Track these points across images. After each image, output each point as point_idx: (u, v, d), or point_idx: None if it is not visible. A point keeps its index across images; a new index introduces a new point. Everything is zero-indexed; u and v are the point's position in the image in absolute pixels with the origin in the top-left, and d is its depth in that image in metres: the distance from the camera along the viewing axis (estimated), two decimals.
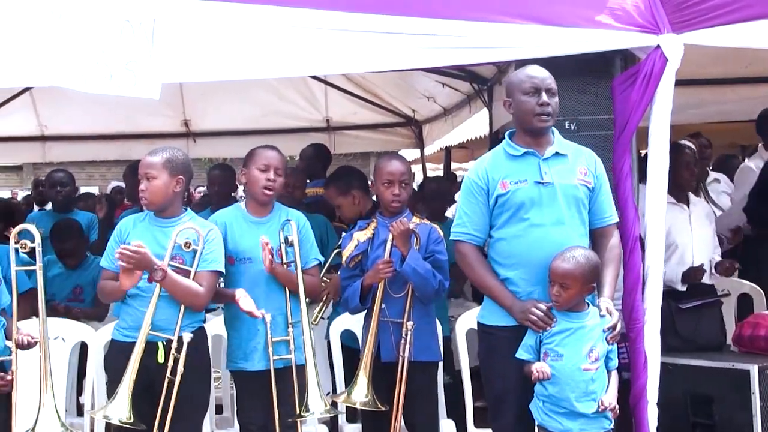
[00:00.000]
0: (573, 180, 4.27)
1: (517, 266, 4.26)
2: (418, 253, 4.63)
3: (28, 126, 10.23)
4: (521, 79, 4.27)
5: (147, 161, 4.52)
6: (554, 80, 4.26)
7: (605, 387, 4.18)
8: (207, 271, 4.47)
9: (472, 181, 4.37)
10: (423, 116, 10.33)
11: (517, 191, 4.24)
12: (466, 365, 5.22)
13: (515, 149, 4.31)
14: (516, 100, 4.27)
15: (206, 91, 8.96)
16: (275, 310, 4.62)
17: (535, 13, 4.50)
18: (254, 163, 4.71)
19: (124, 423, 4.16)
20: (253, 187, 4.71)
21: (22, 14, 4.16)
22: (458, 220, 4.41)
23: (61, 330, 4.84)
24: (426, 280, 4.59)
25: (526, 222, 4.23)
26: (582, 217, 4.30)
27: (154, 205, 4.53)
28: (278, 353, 4.58)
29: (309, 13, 4.36)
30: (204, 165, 15.08)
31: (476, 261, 4.36)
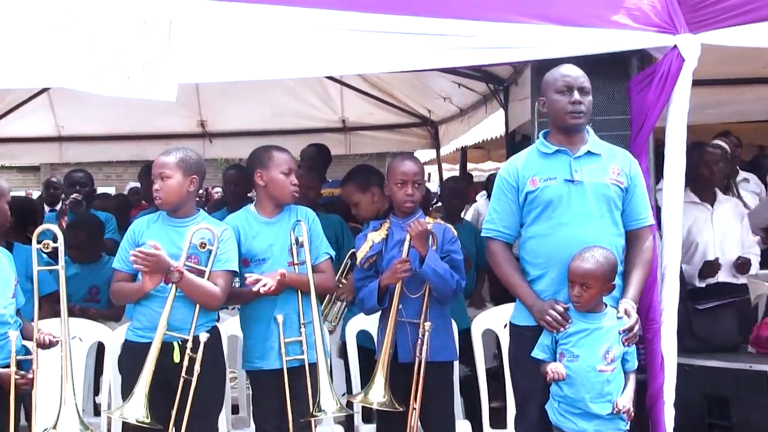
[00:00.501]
0: (604, 179, 4.25)
1: (544, 266, 4.26)
2: (436, 254, 4.63)
3: (46, 127, 10.27)
4: (555, 78, 4.26)
5: (161, 161, 4.53)
6: (588, 79, 4.25)
7: (621, 389, 4.17)
8: (222, 270, 4.48)
9: (503, 179, 4.38)
10: (439, 116, 10.31)
11: (546, 188, 4.24)
12: (482, 366, 5.21)
13: (547, 147, 4.30)
14: (549, 98, 4.27)
15: (222, 91, 8.97)
16: (289, 310, 4.63)
17: (551, 13, 4.49)
18: (276, 167, 4.70)
19: (141, 422, 4.17)
20: (280, 190, 4.71)
21: (40, 16, 4.18)
22: (488, 217, 4.42)
23: (78, 330, 4.85)
24: (446, 280, 4.60)
25: (554, 220, 4.23)
26: (613, 216, 4.27)
27: (168, 205, 4.54)
28: (293, 353, 4.59)
29: (325, 14, 4.36)
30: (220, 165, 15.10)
31: (504, 259, 4.37)
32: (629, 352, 4.20)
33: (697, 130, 5.73)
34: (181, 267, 4.34)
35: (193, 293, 4.40)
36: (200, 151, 10.21)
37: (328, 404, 4.43)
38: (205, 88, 9.04)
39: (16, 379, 4.21)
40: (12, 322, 4.38)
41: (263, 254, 4.68)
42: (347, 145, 10.50)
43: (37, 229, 4.42)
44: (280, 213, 4.77)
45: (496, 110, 8.10)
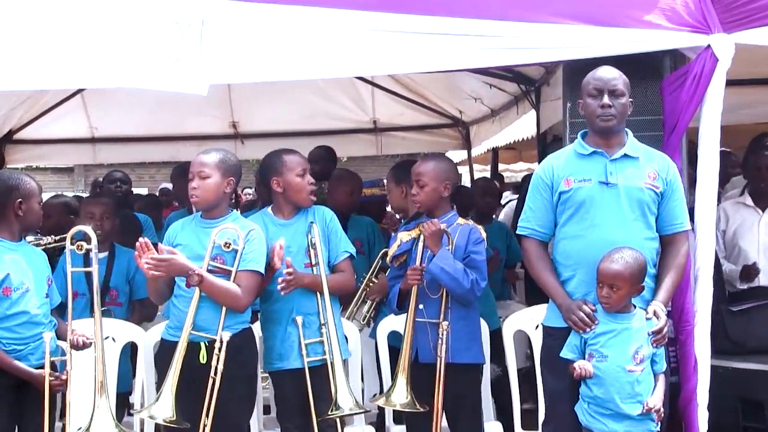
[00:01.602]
0: (640, 183, 4.23)
1: (576, 267, 4.25)
2: (448, 253, 4.62)
3: (79, 128, 10.34)
4: (587, 81, 4.26)
5: (201, 160, 4.55)
6: (624, 80, 4.22)
7: (651, 389, 4.15)
8: (246, 271, 4.48)
9: (538, 177, 4.38)
10: (470, 117, 10.30)
11: (580, 189, 4.23)
12: (513, 367, 5.19)
13: (584, 148, 4.30)
14: (584, 102, 4.28)
15: (254, 92, 9.00)
16: (308, 310, 4.64)
17: (583, 13, 4.48)
18: (291, 170, 4.72)
19: (168, 422, 4.20)
20: (298, 193, 4.73)
21: (73, 17, 4.21)
22: (523, 215, 4.43)
23: (111, 330, 4.88)
24: (455, 280, 4.57)
25: (586, 222, 4.23)
26: (647, 220, 4.25)
27: (203, 204, 4.55)
28: (313, 353, 4.62)
29: (356, 15, 4.37)
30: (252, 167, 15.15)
31: (537, 258, 4.37)
32: (658, 353, 4.18)
33: (730, 130, 5.67)
34: (200, 270, 4.35)
35: (216, 295, 4.41)
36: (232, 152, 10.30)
37: (345, 402, 4.46)
38: (236, 89, 9.08)
39: (50, 380, 4.26)
40: (46, 322, 4.42)
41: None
42: (378, 146, 10.51)
43: (71, 230, 4.45)
44: (296, 214, 4.79)
45: (527, 111, 8.08)
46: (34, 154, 10.91)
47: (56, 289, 4.59)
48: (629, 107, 4.27)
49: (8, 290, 4.36)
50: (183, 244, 4.52)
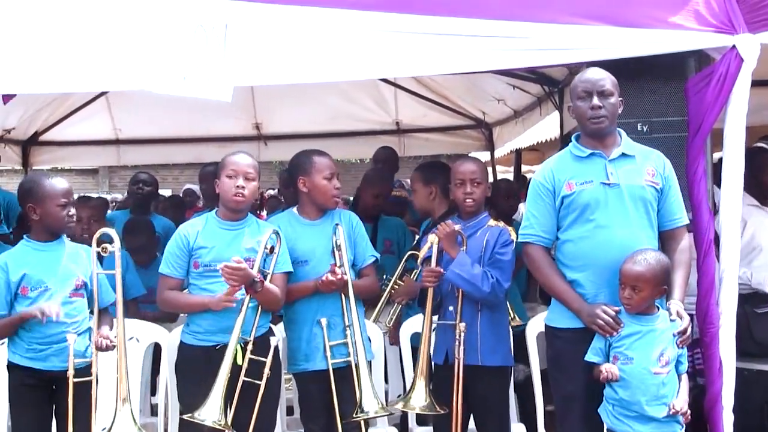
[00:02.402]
0: (640, 181, 4.25)
1: (583, 268, 4.25)
2: (466, 258, 4.60)
3: (104, 130, 10.41)
4: (575, 84, 4.30)
5: (248, 162, 4.59)
6: (612, 80, 4.24)
7: (676, 391, 4.14)
8: (281, 273, 4.56)
9: (538, 183, 4.38)
10: (493, 118, 10.28)
11: (583, 192, 4.24)
12: (537, 369, 5.19)
13: (581, 150, 4.31)
14: (573, 105, 4.31)
15: (277, 94, 9.02)
16: (332, 312, 4.65)
17: (607, 14, 4.46)
18: (318, 172, 4.75)
19: (217, 425, 4.20)
20: (323, 196, 4.76)
21: (98, 21, 4.24)
22: (525, 222, 4.41)
23: (135, 331, 4.91)
24: (473, 285, 4.55)
25: (592, 223, 4.23)
26: (650, 218, 4.27)
27: (246, 205, 4.60)
28: (338, 355, 4.64)
29: (379, 16, 4.37)
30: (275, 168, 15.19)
31: (544, 263, 4.36)
32: (681, 354, 4.17)
33: (756, 131, 5.64)
34: (260, 276, 4.40)
35: (266, 300, 4.48)
36: (255, 153, 10.29)
37: (370, 405, 4.46)
38: (260, 91, 9.11)
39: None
40: (70, 321, 4.41)
41: (305, 256, 4.73)
42: (401, 147, 10.50)
43: (96, 232, 4.47)
44: (323, 216, 4.81)
45: (550, 112, 8.06)
46: (58, 156, 10.99)
47: (105, 288, 4.59)
48: (620, 106, 4.29)
49: (26, 289, 4.40)
50: (208, 246, 4.54)
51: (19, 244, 4.54)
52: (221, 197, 4.61)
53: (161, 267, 4.66)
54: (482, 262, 4.62)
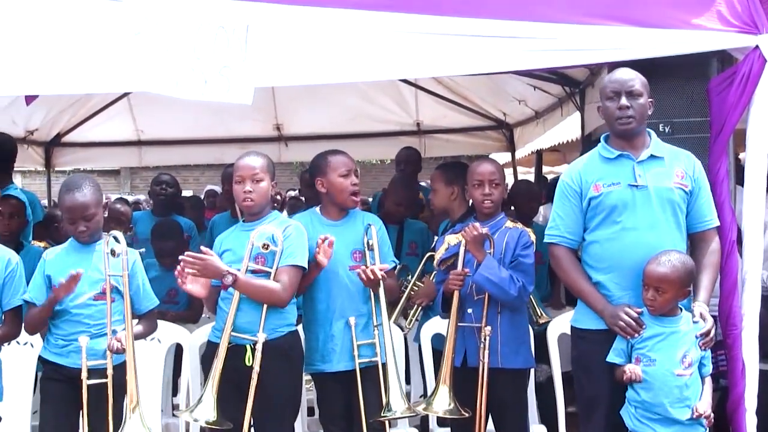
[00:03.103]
0: (669, 183, 4.22)
1: (609, 270, 4.23)
2: (493, 261, 4.58)
3: (126, 131, 10.47)
4: (604, 85, 4.27)
5: (251, 164, 4.57)
6: (642, 80, 4.21)
7: (699, 393, 4.12)
8: (286, 266, 4.49)
9: (565, 184, 4.36)
10: (514, 119, 10.27)
11: (610, 194, 4.22)
12: (558, 370, 5.18)
13: (610, 152, 4.28)
14: (602, 105, 4.28)
15: (298, 95, 9.04)
16: (356, 312, 4.65)
17: (628, 14, 4.44)
18: (334, 171, 4.75)
19: (210, 424, 4.22)
20: (340, 194, 4.76)
21: (120, 22, 4.25)
22: (552, 223, 4.40)
23: (156, 332, 4.92)
24: (501, 288, 4.54)
25: (618, 225, 4.20)
26: (678, 220, 4.24)
27: (258, 207, 4.58)
28: (362, 356, 4.63)
29: (400, 17, 4.37)
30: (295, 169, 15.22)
31: (569, 264, 4.35)
32: (705, 356, 4.15)
33: None
34: (233, 270, 4.36)
35: (251, 293, 4.43)
36: (276, 154, 10.39)
37: (398, 404, 4.46)
38: (280, 91, 9.13)
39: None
40: (92, 323, 4.42)
41: None
42: (422, 148, 10.49)
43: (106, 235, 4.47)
44: (345, 216, 4.81)
45: (572, 113, 8.03)
46: (80, 157, 11.06)
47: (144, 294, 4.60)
48: (650, 107, 4.26)
49: (54, 288, 4.42)
50: (229, 249, 4.57)
51: (64, 244, 4.58)
52: (237, 203, 4.65)
53: None
54: (502, 265, 4.60)
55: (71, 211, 4.45)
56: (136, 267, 4.54)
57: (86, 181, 4.51)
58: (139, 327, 4.53)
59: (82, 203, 4.41)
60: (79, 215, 4.40)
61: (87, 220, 4.43)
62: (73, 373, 4.35)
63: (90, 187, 4.47)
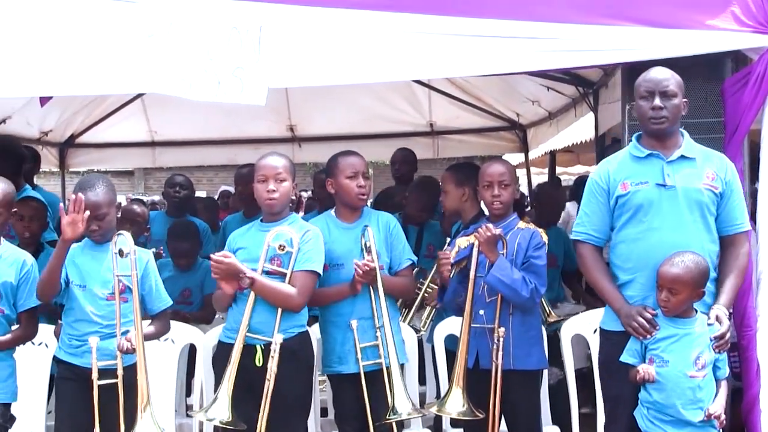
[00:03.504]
0: (698, 184, 4.17)
1: (634, 270, 4.21)
2: (506, 262, 4.56)
3: (139, 132, 10.48)
4: (639, 83, 4.22)
5: (274, 163, 4.58)
6: (677, 80, 4.16)
7: (713, 396, 4.10)
8: (302, 271, 4.49)
9: (594, 182, 4.35)
10: (527, 120, 10.25)
11: (637, 192, 4.19)
12: (571, 372, 5.16)
13: (640, 151, 4.25)
14: (636, 104, 4.24)
15: (311, 96, 9.04)
16: (366, 314, 4.66)
17: (642, 15, 4.44)
18: (341, 172, 4.76)
19: (224, 424, 4.22)
20: (347, 195, 4.77)
21: (134, 23, 4.27)
22: (578, 220, 4.40)
23: (170, 332, 4.93)
24: (513, 290, 4.52)
25: (644, 225, 4.18)
26: (707, 222, 4.19)
27: (280, 207, 4.59)
28: (372, 357, 4.63)
29: (413, 18, 4.38)
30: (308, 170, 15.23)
31: (593, 262, 4.34)
32: (720, 359, 4.13)
33: None
34: (251, 272, 4.37)
35: (269, 297, 4.44)
36: (289, 155, 10.32)
37: (403, 406, 4.46)
38: (294, 92, 9.13)
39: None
40: (105, 323, 4.43)
41: (340, 259, 4.73)
42: (435, 148, 10.50)
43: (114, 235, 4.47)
44: (359, 218, 4.81)
45: (585, 113, 8.02)
46: (94, 158, 11.08)
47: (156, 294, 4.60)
48: (684, 108, 4.22)
49: (68, 283, 4.46)
50: (243, 247, 4.57)
51: (79, 244, 4.58)
52: (258, 202, 4.64)
53: None
54: (514, 266, 4.59)
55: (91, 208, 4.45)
56: (148, 267, 4.55)
57: (100, 181, 4.52)
58: (151, 328, 4.54)
59: (95, 202, 4.41)
60: (91, 214, 4.41)
61: (99, 219, 4.44)
62: (87, 373, 4.35)
63: (103, 187, 4.48)
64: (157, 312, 4.59)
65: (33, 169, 7.55)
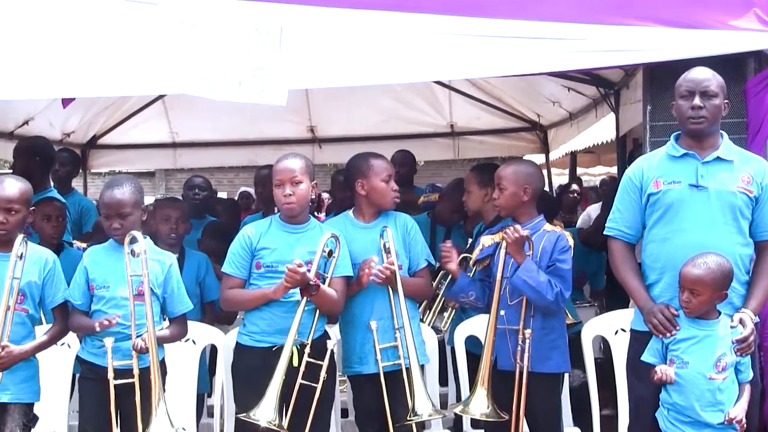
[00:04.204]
0: (732, 187, 4.14)
1: (662, 270, 4.20)
2: (533, 264, 4.55)
3: (160, 133, 10.52)
4: (680, 83, 4.18)
5: (290, 166, 4.56)
6: (718, 81, 4.12)
7: (734, 399, 4.07)
8: (341, 277, 4.55)
9: (628, 178, 4.34)
10: (548, 121, 10.22)
11: (669, 191, 4.17)
12: (592, 373, 5.14)
13: (676, 150, 4.23)
14: (676, 103, 4.21)
15: (331, 97, 9.05)
16: (385, 314, 4.65)
17: (663, 15, 4.43)
18: (377, 175, 4.75)
19: (271, 425, 4.22)
20: (382, 198, 4.77)
21: (156, 24, 4.28)
22: (611, 216, 4.39)
23: (191, 333, 4.95)
24: (538, 293, 4.51)
25: (674, 225, 4.16)
26: (739, 225, 4.15)
27: (299, 210, 4.59)
28: (392, 357, 4.63)
29: (434, 19, 4.38)
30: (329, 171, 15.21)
31: (622, 259, 4.34)
32: (743, 362, 4.10)
33: None
34: (318, 280, 4.40)
35: (323, 303, 4.47)
36: (309, 156, 10.35)
37: (423, 408, 4.44)
38: (314, 94, 9.15)
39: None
40: (128, 324, 4.43)
41: (359, 258, 4.72)
42: (455, 149, 10.49)
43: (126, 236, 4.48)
44: (377, 218, 4.81)
45: (606, 114, 7.99)
46: (116, 159, 11.14)
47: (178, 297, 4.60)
48: (724, 109, 4.18)
49: (92, 287, 4.48)
50: (270, 248, 4.56)
51: (103, 245, 4.62)
52: (278, 206, 4.66)
53: (224, 267, 4.69)
54: (539, 268, 4.58)
55: (108, 207, 4.48)
56: (171, 270, 4.56)
57: (129, 182, 4.54)
58: (166, 331, 4.55)
59: (119, 200, 4.43)
60: (115, 212, 4.42)
61: (122, 218, 4.45)
62: (105, 373, 4.39)
63: (130, 187, 4.50)
64: (176, 315, 4.60)
65: (72, 173, 7.65)
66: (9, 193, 4.34)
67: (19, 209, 4.38)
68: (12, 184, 4.38)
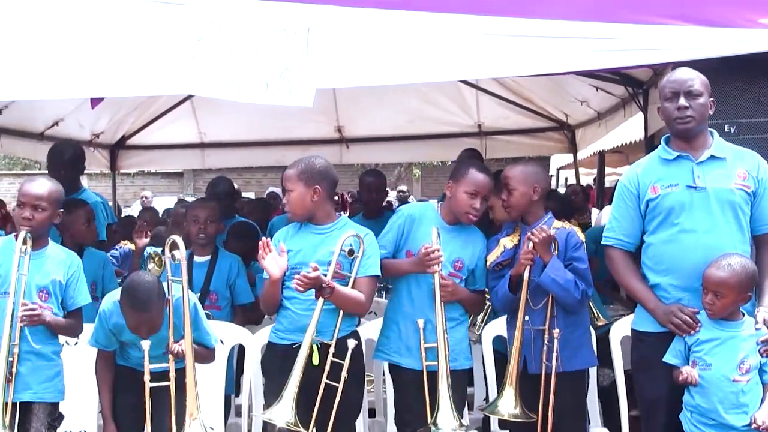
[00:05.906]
0: (729, 184, 4.15)
1: (667, 272, 4.20)
2: (560, 263, 4.55)
3: (188, 133, 10.58)
4: (663, 85, 4.21)
5: (285, 174, 4.62)
6: (702, 80, 4.14)
7: (759, 401, 4.04)
8: (366, 276, 4.53)
9: (623, 186, 4.34)
10: (576, 120, 10.19)
11: (668, 195, 4.18)
12: (621, 374, 5.12)
13: (669, 153, 4.24)
14: (661, 106, 4.23)
15: (359, 97, 9.07)
16: (428, 315, 4.63)
17: (692, 13, 4.40)
18: (464, 184, 4.69)
19: (288, 425, 4.22)
20: (457, 207, 4.72)
21: (183, 26, 4.31)
22: (609, 225, 4.39)
23: (219, 332, 4.97)
24: (567, 291, 4.51)
25: (676, 227, 4.16)
26: (740, 222, 4.17)
27: (296, 217, 4.61)
28: (430, 358, 4.59)
29: (461, 18, 4.37)
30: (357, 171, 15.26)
31: (623, 266, 4.34)
32: (767, 363, 4.07)
33: None
34: (332, 282, 4.38)
35: (342, 304, 4.46)
36: (337, 156, 10.40)
37: (446, 422, 4.37)
38: (342, 94, 9.17)
39: None
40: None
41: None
42: (483, 149, 10.45)
43: (167, 240, 4.51)
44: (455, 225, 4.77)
45: (634, 114, 7.94)
46: (144, 159, 11.22)
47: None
48: (710, 107, 4.19)
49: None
50: (294, 250, 4.56)
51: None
52: None
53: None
54: None
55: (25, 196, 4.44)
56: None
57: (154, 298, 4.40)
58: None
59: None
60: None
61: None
62: (137, 375, 4.42)
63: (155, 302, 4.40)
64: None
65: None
66: (38, 191, 4.41)
67: (46, 207, 4.41)
68: (42, 183, 4.45)
